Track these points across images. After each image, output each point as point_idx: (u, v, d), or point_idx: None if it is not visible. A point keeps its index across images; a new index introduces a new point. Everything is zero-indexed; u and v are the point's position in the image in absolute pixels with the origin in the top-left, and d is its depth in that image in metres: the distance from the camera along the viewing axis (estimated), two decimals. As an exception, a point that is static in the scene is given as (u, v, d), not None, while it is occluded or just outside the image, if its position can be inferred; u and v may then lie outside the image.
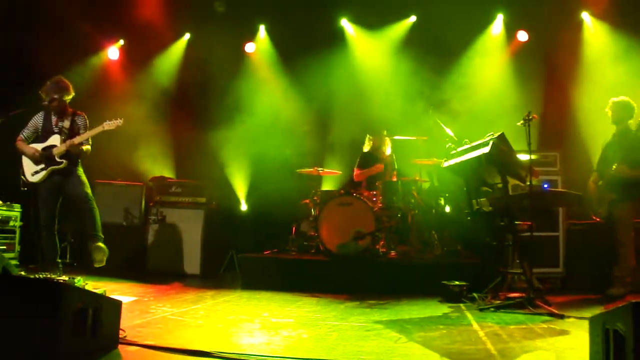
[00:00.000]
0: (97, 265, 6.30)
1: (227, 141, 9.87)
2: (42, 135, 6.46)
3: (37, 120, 6.48)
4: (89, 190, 6.48)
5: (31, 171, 6.37)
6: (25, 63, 8.84)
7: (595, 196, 6.63)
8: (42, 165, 6.34)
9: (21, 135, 6.46)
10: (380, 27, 9.98)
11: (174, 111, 9.97)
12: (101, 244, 6.33)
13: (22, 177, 6.41)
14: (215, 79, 9.89)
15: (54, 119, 6.46)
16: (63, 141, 6.37)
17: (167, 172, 9.63)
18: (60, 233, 6.65)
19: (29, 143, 6.45)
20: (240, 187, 10.09)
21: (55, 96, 6.32)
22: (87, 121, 6.60)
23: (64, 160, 6.34)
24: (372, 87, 9.78)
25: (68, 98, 6.49)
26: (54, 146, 6.36)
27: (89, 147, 6.51)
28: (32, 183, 6.37)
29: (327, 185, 9.55)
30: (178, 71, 10.29)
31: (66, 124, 6.44)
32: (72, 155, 6.41)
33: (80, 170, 6.54)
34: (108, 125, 6.36)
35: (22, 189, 6.44)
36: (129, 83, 10.03)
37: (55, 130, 6.43)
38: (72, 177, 6.42)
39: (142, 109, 9.45)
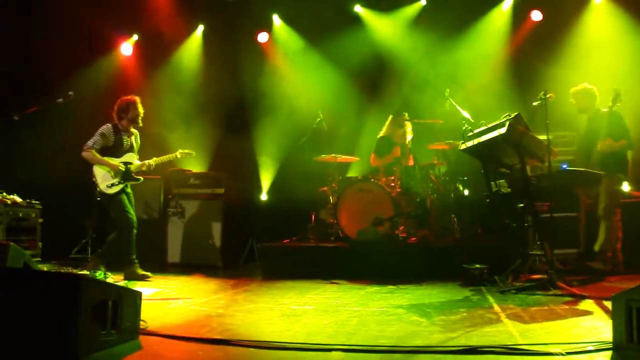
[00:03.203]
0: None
1: (249, 132, 9.95)
2: (114, 150, 6.77)
3: (108, 134, 6.74)
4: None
5: (107, 183, 6.67)
6: (35, 62, 8.92)
7: None
8: (119, 179, 6.69)
9: (94, 147, 6.66)
10: (393, 10, 9.91)
11: (193, 106, 9.97)
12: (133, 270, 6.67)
13: (98, 188, 6.67)
14: (232, 70, 9.89)
15: (124, 136, 6.80)
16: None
17: (188, 166, 9.61)
18: (82, 229, 6.75)
19: None
20: (262, 177, 10.10)
21: (128, 115, 6.78)
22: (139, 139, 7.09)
23: (141, 177, 6.91)
24: (390, 71, 9.78)
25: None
26: (130, 163, 6.77)
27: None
28: (107, 194, 6.66)
29: (346, 172, 9.51)
30: (196, 65, 10.30)
31: (132, 141, 6.90)
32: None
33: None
34: (181, 154, 7.14)
35: (97, 199, 6.78)
36: (145, 79, 10.03)
37: (127, 148, 6.81)
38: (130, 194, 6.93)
39: (161, 104, 9.50)
